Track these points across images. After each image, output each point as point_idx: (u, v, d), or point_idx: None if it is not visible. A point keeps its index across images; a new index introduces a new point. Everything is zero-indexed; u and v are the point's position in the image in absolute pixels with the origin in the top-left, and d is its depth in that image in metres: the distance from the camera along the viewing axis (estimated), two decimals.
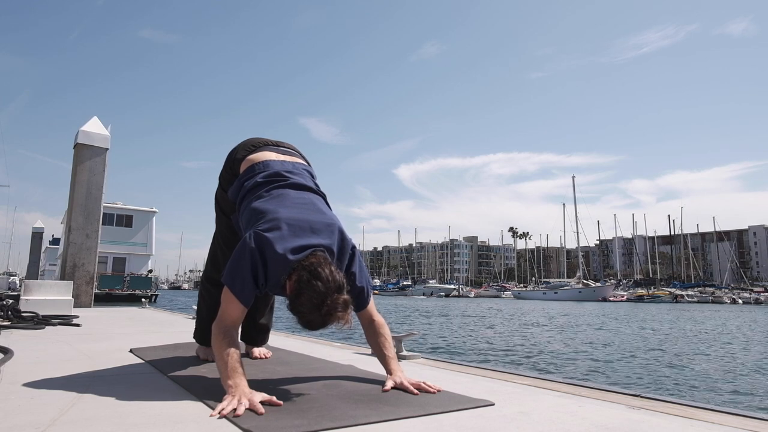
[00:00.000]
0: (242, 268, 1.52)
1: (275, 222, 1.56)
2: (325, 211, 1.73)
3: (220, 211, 2.06)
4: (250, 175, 1.84)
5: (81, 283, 6.79)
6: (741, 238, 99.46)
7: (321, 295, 1.42)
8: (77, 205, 6.89)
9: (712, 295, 49.69)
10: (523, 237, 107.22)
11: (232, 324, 1.55)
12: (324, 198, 1.86)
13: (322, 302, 1.43)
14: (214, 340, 1.52)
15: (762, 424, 1.32)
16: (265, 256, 1.51)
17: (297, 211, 1.63)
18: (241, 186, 1.83)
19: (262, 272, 1.52)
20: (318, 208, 1.71)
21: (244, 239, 1.56)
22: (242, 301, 1.54)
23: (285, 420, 1.24)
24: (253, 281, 1.52)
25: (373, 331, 1.76)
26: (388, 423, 1.26)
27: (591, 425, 1.27)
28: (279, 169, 1.84)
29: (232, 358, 1.46)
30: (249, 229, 1.60)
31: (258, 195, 1.73)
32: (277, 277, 1.52)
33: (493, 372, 2.09)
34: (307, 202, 1.71)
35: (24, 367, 1.99)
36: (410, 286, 75.89)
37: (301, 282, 1.45)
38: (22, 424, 1.20)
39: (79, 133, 7.00)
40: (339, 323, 1.47)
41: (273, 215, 1.59)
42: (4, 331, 3.28)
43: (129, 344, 2.72)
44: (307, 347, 2.80)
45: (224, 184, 1.99)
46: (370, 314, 1.76)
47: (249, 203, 1.72)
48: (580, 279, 55.68)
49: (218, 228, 2.11)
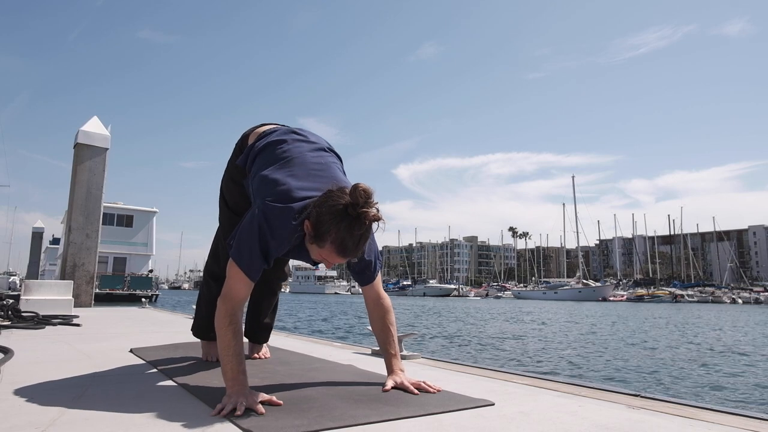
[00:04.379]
0: (249, 240, 1.43)
1: (285, 192, 1.46)
2: (341, 178, 1.59)
3: (225, 204, 1.97)
4: (260, 137, 1.73)
5: (81, 283, 6.78)
6: (741, 238, 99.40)
7: (345, 202, 1.32)
8: (77, 205, 6.89)
9: (711, 295, 49.68)
10: (523, 237, 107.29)
11: (238, 301, 1.48)
12: (341, 161, 1.74)
13: (347, 207, 1.32)
14: (219, 323, 1.46)
15: (762, 424, 1.32)
16: (272, 225, 1.42)
17: (310, 181, 1.51)
18: (252, 148, 1.71)
19: (273, 242, 1.44)
20: (333, 174, 1.57)
21: (252, 211, 1.47)
22: (249, 275, 1.46)
23: (285, 420, 1.24)
24: (261, 254, 1.44)
25: (379, 316, 1.71)
26: (388, 423, 1.26)
27: (591, 425, 1.27)
28: (292, 128, 1.75)
29: (236, 354, 1.42)
30: (258, 198, 1.51)
31: (269, 158, 1.60)
32: (290, 236, 1.43)
33: (493, 372, 2.09)
34: (323, 166, 1.59)
35: (24, 367, 1.98)
36: (410, 285, 75.87)
37: (319, 207, 1.36)
38: (22, 424, 1.20)
39: (79, 133, 6.99)
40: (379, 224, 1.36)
41: (283, 185, 1.47)
42: (4, 331, 3.28)
43: (129, 344, 2.72)
44: (307, 347, 2.79)
45: (232, 166, 1.87)
46: (377, 292, 1.70)
47: (259, 169, 1.59)
48: (580, 279, 55.67)
49: (222, 222, 2.03)
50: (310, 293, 67.62)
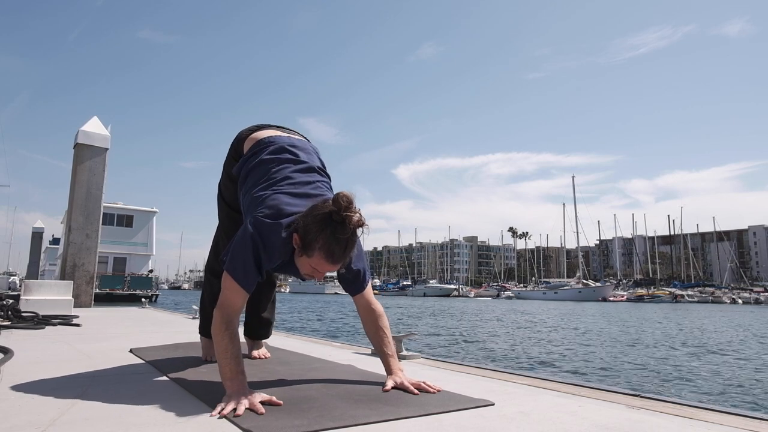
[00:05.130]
0: (243, 253, 1.48)
1: (275, 207, 1.52)
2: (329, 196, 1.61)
3: (223, 201, 2.03)
4: (255, 150, 1.77)
5: (81, 283, 6.79)
6: (741, 238, 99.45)
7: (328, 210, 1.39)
8: (77, 205, 6.89)
9: (711, 295, 49.68)
10: (523, 237, 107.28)
11: (233, 311, 1.52)
12: (329, 180, 1.80)
13: (331, 214, 1.39)
14: (216, 329, 1.49)
15: (762, 424, 1.32)
16: (264, 239, 1.48)
17: (299, 198, 1.58)
18: (246, 161, 1.76)
19: (265, 255, 1.49)
20: (322, 193, 1.65)
21: (245, 226, 1.52)
22: (243, 286, 1.50)
23: (285, 420, 1.24)
24: (255, 267, 1.49)
25: (371, 321, 1.73)
26: (388, 423, 1.26)
27: (591, 425, 1.27)
28: (285, 143, 1.77)
29: (233, 356, 1.44)
30: (249, 215, 1.58)
31: (261, 178, 1.67)
32: (281, 249, 1.49)
33: (493, 372, 2.09)
34: (313, 187, 1.66)
35: (24, 367, 1.98)
36: (410, 286, 75.87)
37: (304, 218, 1.43)
38: (22, 424, 1.20)
39: (79, 133, 7.00)
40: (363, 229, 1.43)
41: (273, 201, 1.55)
42: (4, 331, 3.28)
43: (129, 344, 2.72)
44: (307, 347, 2.79)
45: (228, 168, 1.92)
46: (368, 300, 1.73)
47: (250, 188, 1.67)
48: (580, 279, 55.65)
49: (221, 219, 2.08)
50: (310, 293, 67.64)
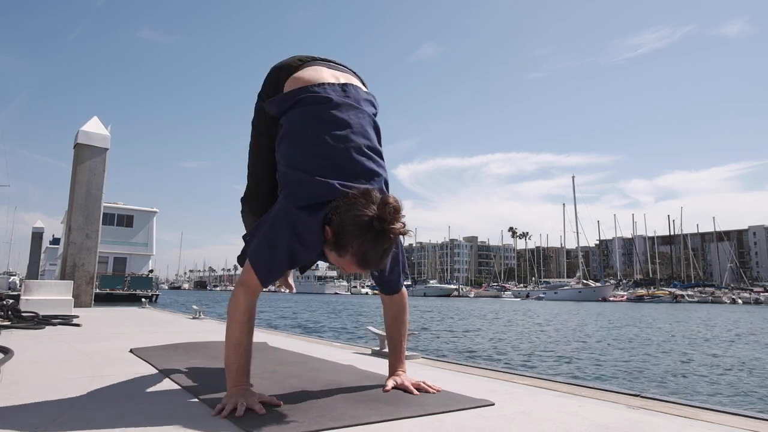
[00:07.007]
0: (271, 251, 1.40)
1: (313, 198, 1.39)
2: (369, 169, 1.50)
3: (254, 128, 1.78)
4: (298, 97, 1.55)
5: (81, 283, 6.78)
6: (741, 238, 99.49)
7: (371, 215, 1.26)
8: (77, 205, 6.89)
9: (711, 295, 49.67)
10: (523, 237, 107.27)
11: (256, 291, 1.43)
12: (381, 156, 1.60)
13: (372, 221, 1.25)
14: (235, 313, 1.40)
15: (762, 424, 1.32)
16: (301, 241, 1.38)
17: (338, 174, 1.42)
18: (284, 109, 1.57)
19: (305, 252, 1.41)
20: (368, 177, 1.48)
21: (276, 213, 1.41)
22: (262, 282, 1.42)
23: (285, 420, 1.24)
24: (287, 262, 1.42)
25: (393, 313, 1.69)
26: (389, 423, 1.26)
27: (591, 425, 1.27)
28: (335, 99, 1.54)
29: (245, 353, 1.40)
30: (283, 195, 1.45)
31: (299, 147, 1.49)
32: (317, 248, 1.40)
33: (493, 372, 2.09)
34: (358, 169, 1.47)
35: (24, 367, 1.98)
36: (410, 286, 75.85)
37: (341, 214, 1.29)
38: (22, 424, 1.20)
39: (79, 133, 7.00)
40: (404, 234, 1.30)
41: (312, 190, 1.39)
42: (4, 331, 3.28)
43: (129, 344, 2.72)
44: (307, 347, 2.79)
45: (264, 98, 1.69)
46: (397, 301, 1.68)
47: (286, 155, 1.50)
48: (580, 279, 55.67)
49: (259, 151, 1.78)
50: (311, 293, 67.63)
